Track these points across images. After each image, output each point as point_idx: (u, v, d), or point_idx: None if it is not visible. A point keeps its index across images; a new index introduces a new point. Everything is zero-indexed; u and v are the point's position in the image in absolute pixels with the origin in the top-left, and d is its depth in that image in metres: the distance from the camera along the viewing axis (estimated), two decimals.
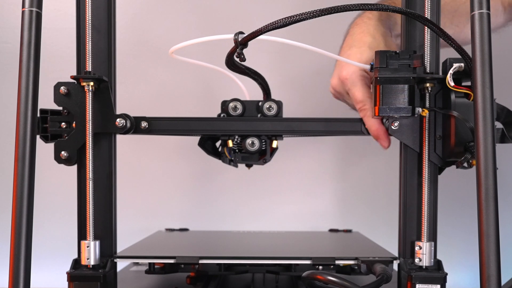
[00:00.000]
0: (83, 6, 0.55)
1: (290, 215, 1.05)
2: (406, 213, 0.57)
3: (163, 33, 1.01)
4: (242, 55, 0.54)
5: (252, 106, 0.62)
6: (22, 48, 0.46)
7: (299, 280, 0.65)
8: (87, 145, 0.54)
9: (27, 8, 0.46)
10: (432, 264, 0.55)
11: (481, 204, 0.43)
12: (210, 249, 0.72)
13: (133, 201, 1.03)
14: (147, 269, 0.63)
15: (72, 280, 0.54)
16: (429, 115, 0.55)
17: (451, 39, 0.51)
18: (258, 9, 1.02)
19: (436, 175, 0.57)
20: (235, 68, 0.60)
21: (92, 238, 0.54)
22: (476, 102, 0.44)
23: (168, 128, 0.59)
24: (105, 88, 0.55)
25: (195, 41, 0.58)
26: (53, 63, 0.90)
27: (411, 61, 0.54)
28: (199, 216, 1.05)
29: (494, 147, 0.43)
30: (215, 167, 0.98)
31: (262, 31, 0.51)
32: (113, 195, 0.58)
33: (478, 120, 0.44)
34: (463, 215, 1.00)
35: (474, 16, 0.44)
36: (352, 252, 0.66)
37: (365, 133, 0.59)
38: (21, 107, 0.45)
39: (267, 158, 0.62)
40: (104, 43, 0.56)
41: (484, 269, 0.42)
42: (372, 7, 0.49)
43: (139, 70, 1.02)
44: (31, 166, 0.45)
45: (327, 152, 1.05)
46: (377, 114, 0.56)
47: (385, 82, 0.54)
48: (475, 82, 0.44)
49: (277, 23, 0.50)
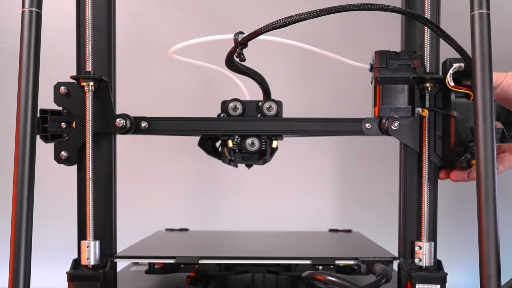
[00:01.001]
0: (83, 6, 0.55)
1: (290, 215, 1.05)
2: (406, 213, 0.57)
3: (163, 33, 1.01)
4: (242, 55, 0.54)
5: (252, 106, 0.62)
6: (22, 48, 0.46)
7: (299, 280, 0.65)
8: (87, 145, 0.54)
9: (27, 8, 0.46)
10: (432, 264, 0.55)
11: (481, 204, 0.43)
12: (210, 249, 0.72)
13: (133, 201, 1.03)
14: (147, 269, 0.63)
15: (72, 280, 0.54)
16: (429, 115, 0.55)
17: (451, 39, 0.51)
18: (258, 9, 1.02)
19: (436, 175, 0.57)
20: (235, 68, 0.60)
21: (92, 238, 0.54)
22: (476, 102, 0.44)
23: (168, 128, 0.59)
24: (105, 88, 0.55)
25: (195, 41, 0.58)
26: (53, 63, 0.90)
27: (411, 61, 0.54)
28: (199, 216, 1.05)
29: (494, 147, 0.43)
30: (215, 167, 0.98)
31: (262, 31, 0.51)
32: (113, 195, 0.58)
33: (478, 120, 0.44)
34: (463, 215, 1.00)
35: (474, 16, 0.44)
36: (352, 252, 0.66)
37: (365, 133, 0.59)
38: (21, 107, 0.45)
39: (267, 158, 0.62)
40: (104, 43, 0.56)
41: (484, 269, 0.42)
42: (372, 7, 0.49)
43: (139, 70, 1.02)
44: (31, 166, 0.45)
45: (327, 152, 1.05)
46: (377, 114, 0.56)
47: (385, 82, 0.54)
48: (475, 82, 0.44)
49: (277, 23, 0.50)
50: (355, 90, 0.99)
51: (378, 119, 0.57)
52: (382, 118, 0.57)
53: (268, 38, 0.55)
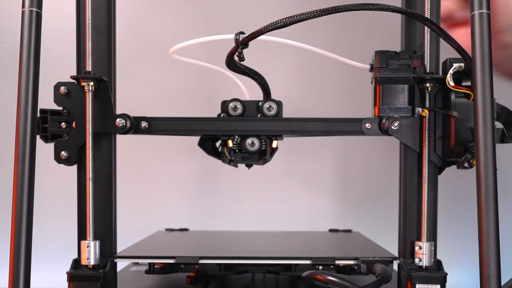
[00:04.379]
0: (83, 6, 0.55)
1: (290, 215, 1.05)
2: (406, 213, 0.57)
3: (163, 33, 1.01)
4: (242, 55, 0.54)
5: (252, 106, 0.62)
6: (22, 48, 0.46)
7: (299, 280, 0.65)
8: (87, 145, 0.54)
9: (27, 8, 0.46)
10: (432, 264, 0.55)
11: (481, 204, 0.43)
12: (210, 249, 0.72)
13: (133, 201, 1.03)
14: (147, 269, 0.63)
15: (72, 280, 0.54)
16: (429, 115, 0.55)
17: (451, 38, 0.51)
18: (258, 9, 1.02)
19: (436, 175, 0.57)
20: (236, 68, 0.60)
21: (92, 238, 0.54)
22: (476, 102, 0.44)
23: (168, 128, 0.59)
24: (105, 88, 0.55)
25: (195, 41, 0.58)
26: (53, 63, 0.90)
27: (411, 61, 0.54)
28: (199, 216, 1.05)
29: (494, 147, 0.43)
30: (215, 167, 0.98)
31: (262, 31, 0.51)
32: (113, 195, 0.58)
33: (478, 120, 0.44)
34: (463, 215, 1.00)
35: (474, 16, 0.44)
36: (352, 252, 0.66)
37: (365, 133, 0.59)
38: (21, 107, 0.45)
39: (267, 158, 0.62)
40: (104, 43, 0.56)
41: (484, 269, 0.42)
42: (372, 7, 0.49)
43: (139, 70, 1.02)
44: (31, 166, 0.45)
45: (327, 152, 1.05)
46: (377, 114, 0.56)
47: (385, 82, 0.54)
48: (475, 82, 0.44)
49: (277, 23, 0.50)
50: (355, 90, 0.99)
51: (378, 119, 0.57)
52: (382, 118, 0.57)
53: (268, 38, 0.55)
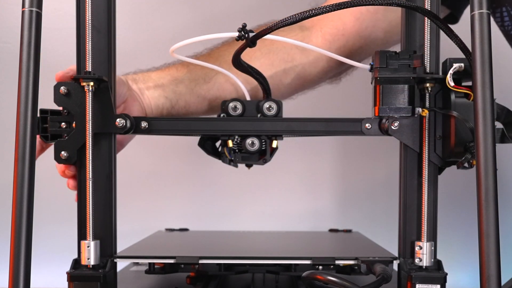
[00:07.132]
0: (83, 6, 0.55)
1: (290, 215, 1.05)
2: (406, 213, 0.57)
3: (163, 32, 1.01)
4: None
5: (252, 106, 0.62)
6: (22, 48, 0.46)
7: (299, 280, 0.65)
8: (87, 145, 0.54)
9: (27, 8, 0.46)
10: (432, 264, 0.55)
11: (481, 204, 0.43)
12: (210, 249, 0.72)
13: (133, 201, 1.03)
14: (147, 269, 0.63)
15: (72, 280, 0.54)
16: (429, 115, 0.55)
17: (452, 32, 0.51)
18: (258, 8, 1.02)
19: (436, 175, 0.57)
20: (241, 67, 0.60)
21: (92, 238, 0.54)
22: (476, 102, 0.44)
23: (168, 128, 0.59)
24: (105, 88, 0.55)
25: (196, 39, 0.58)
26: (53, 63, 0.90)
27: (411, 61, 0.54)
28: (199, 216, 1.05)
29: (494, 147, 0.43)
30: (215, 167, 0.98)
31: (272, 28, 0.50)
32: (113, 195, 0.57)
33: (478, 120, 0.44)
34: (463, 215, 1.00)
35: (474, 16, 0.44)
36: (352, 252, 0.66)
37: (365, 133, 0.59)
38: (21, 107, 0.45)
39: (267, 158, 0.62)
40: (104, 43, 0.56)
41: (484, 269, 0.42)
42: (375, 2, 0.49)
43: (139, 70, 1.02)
44: (31, 166, 0.45)
45: (327, 152, 1.05)
46: (377, 114, 0.56)
47: (385, 82, 0.54)
48: (475, 82, 0.44)
49: (287, 20, 0.49)
50: (355, 90, 0.99)
51: (378, 119, 0.57)
52: (382, 118, 0.57)
53: (272, 37, 0.54)
